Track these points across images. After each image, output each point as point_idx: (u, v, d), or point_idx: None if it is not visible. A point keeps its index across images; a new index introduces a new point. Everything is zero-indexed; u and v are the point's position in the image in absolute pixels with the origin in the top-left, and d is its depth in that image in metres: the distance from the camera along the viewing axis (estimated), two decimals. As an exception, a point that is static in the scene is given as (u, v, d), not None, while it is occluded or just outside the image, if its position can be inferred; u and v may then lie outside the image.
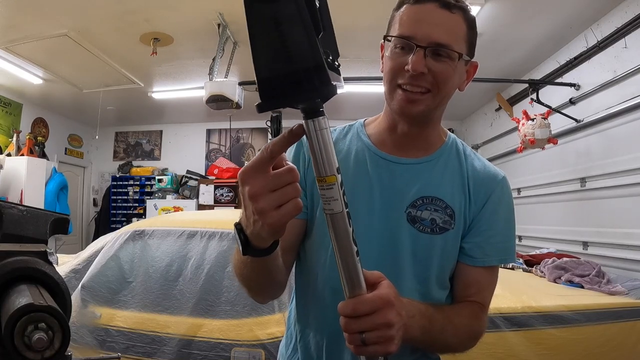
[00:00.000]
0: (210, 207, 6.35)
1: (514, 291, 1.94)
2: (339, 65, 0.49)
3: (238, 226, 0.59)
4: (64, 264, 2.29)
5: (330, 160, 0.51)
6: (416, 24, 0.74)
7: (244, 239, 0.58)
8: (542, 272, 2.53)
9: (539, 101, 3.69)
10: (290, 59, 0.40)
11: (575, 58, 3.60)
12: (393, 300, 0.60)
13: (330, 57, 0.47)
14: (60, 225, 0.75)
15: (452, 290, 0.86)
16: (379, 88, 1.01)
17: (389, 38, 0.78)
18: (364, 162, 0.84)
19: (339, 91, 0.46)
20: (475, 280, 0.83)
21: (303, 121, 0.50)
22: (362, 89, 4.70)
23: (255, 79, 0.44)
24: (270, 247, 0.60)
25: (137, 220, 4.12)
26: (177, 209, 6.32)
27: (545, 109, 3.54)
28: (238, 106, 3.78)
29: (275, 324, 1.77)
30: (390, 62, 0.78)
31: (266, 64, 0.41)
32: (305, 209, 0.85)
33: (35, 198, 4.90)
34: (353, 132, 0.90)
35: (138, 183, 7.05)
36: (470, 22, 0.79)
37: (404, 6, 0.77)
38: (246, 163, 0.53)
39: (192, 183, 6.80)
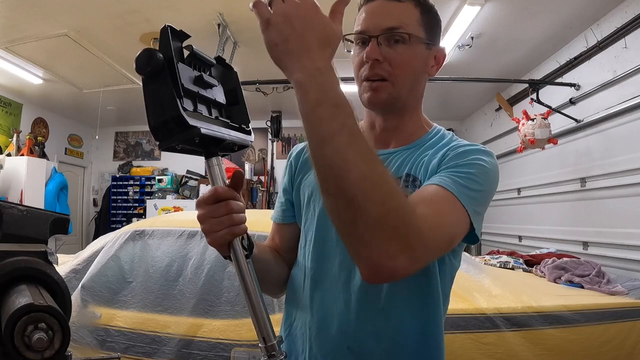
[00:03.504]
0: (210, 207, 6.34)
1: (514, 291, 1.94)
2: (250, 130, 0.75)
3: None
4: (64, 264, 2.29)
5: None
6: (368, 18, 0.79)
7: None
8: (542, 272, 2.53)
9: (539, 101, 3.69)
10: (163, 113, 0.59)
11: (575, 58, 3.61)
12: None
13: (243, 125, 0.74)
14: (60, 225, 0.75)
15: None
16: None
17: (348, 38, 0.82)
18: None
19: (250, 141, 0.74)
20: (431, 192, 0.68)
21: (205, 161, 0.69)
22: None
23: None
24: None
25: (137, 220, 4.12)
26: (177, 209, 6.32)
27: (545, 109, 3.55)
28: (238, 106, 3.78)
29: (276, 324, 1.76)
30: (354, 59, 0.82)
31: (152, 117, 0.60)
32: (293, 212, 0.93)
33: (35, 198, 4.90)
34: None
35: (138, 183, 7.05)
36: (425, 7, 0.81)
37: (360, 9, 0.82)
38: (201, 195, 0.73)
39: (192, 183, 6.80)
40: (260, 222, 1.80)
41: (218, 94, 0.72)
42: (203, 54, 0.69)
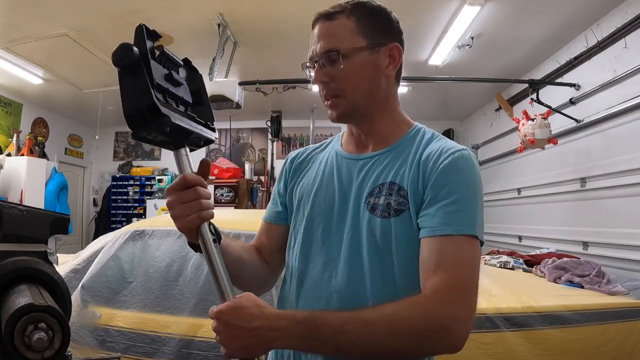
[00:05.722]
0: (210, 207, 6.33)
1: (514, 291, 1.94)
2: (214, 128, 0.80)
3: None
4: (64, 264, 2.29)
5: None
6: (311, 44, 0.86)
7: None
8: (542, 272, 2.53)
9: (539, 101, 3.69)
10: (138, 102, 0.63)
11: (575, 58, 3.61)
12: (217, 315, 0.69)
13: (207, 122, 0.79)
14: (60, 225, 0.75)
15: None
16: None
17: (306, 66, 0.89)
18: (331, 166, 0.92)
19: (214, 137, 0.79)
20: (432, 251, 0.74)
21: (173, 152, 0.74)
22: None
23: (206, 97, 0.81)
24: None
25: (137, 220, 4.12)
26: (177, 209, 6.32)
27: (546, 109, 3.54)
28: (238, 106, 3.78)
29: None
30: None
31: (128, 106, 0.63)
32: (285, 214, 0.97)
33: (35, 198, 4.90)
34: (332, 143, 0.99)
35: (138, 183, 7.05)
36: (360, 13, 0.83)
37: None
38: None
39: (192, 183, 6.80)
40: (260, 222, 1.78)
41: (185, 93, 0.76)
42: (172, 54, 0.74)
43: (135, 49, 0.64)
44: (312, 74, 0.87)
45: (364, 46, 0.82)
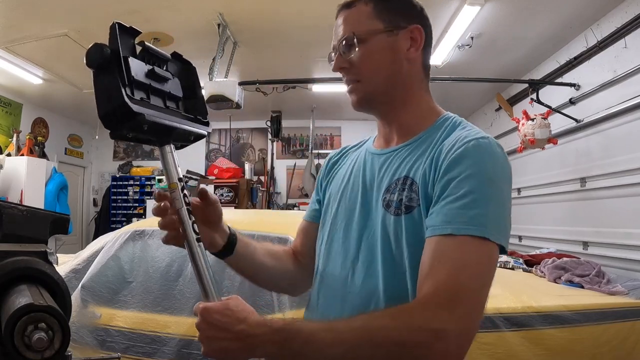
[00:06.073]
0: (210, 207, 6.32)
1: (514, 291, 1.94)
2: (207, 122, 0.80)
3: None
4: (64, 264, 2.29)
5: (171, 173, 0.72)
6: (333, 35, 0.85)
7: None
8: (542, 272, 2.53)
9: (539, 101, 3.69)
10: (110, 102, 0.62)
11: (575, 58, 3.61)
12: (203, 312, 0.68)
13: (199, 117, 0.79)
14: (60, 225, 0.75)
15: None
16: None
17: (330, 57, 0.88)
18: (360, 163, 0.90)
19: (206, 132, 0.79)
20: (429, 252, 0.67)
21: (158, 148, 0.73)
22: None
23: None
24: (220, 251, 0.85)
25: (137, 220, 4.12)
26: (177, 209, 6.31)
27: (545, 109, 3.54)
28: (238, 106, 3.78)
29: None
30: None
31: (101, 107, 0.63)
32: (319, 212, 0.97)
33: (35, 198, 4.90)
34: (368, 141, 0.97)
35: (138, 183, 7.05)
36: None
37: None
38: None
39: (192, 183, 6.80)
40: (260, 222, 1.79)
41: (174, 87, 0.75)
42: (157, 49, 0.73)
43: (106, 48, 0.63)
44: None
45: (381, 29, 0.79)
